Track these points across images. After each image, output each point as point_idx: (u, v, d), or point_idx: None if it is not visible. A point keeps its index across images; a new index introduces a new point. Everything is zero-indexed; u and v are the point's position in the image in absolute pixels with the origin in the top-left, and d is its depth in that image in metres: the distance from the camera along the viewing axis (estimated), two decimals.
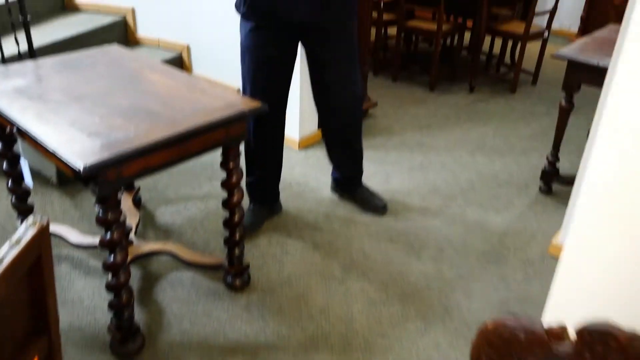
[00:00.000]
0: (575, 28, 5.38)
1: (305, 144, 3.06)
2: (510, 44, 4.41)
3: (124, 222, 1.57)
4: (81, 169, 1.30)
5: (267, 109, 1.71)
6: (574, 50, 2.39)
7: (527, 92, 4.09)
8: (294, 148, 3.02)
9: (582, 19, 5.18)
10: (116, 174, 1.41)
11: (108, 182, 1.41)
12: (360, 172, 2.52)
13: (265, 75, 2.08)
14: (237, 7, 2.01)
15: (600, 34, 2.69)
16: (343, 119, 2.29)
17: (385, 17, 4.10)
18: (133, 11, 3.35)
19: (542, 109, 3.76)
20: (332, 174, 2.55)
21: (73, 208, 2.42)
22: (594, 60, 2.26)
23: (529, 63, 4.28)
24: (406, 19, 4.02)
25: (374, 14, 3.91)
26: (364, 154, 2.49)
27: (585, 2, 5.09)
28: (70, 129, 1.46)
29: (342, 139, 2.37)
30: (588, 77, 2.35)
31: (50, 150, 1.39)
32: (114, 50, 2.10)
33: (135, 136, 1.44)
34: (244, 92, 2.14)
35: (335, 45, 2.06)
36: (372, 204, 2.45)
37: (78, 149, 1.36)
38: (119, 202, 1.50)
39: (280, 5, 1.92)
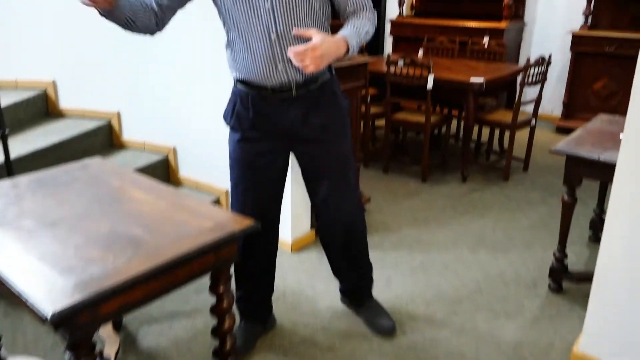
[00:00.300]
0: (558, 112, 5.47)
1: (299, 246, 2.91)
2: (497, 131, 4.43)
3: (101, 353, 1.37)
4: (48, 317, 1.13)
5: (259, 227, 1.58)
6: (571, 144, 2.33)
7: (519, 179, 4.04)
8: (287, 251, 2.86)
9: (564, 103, 5.28)
10: (91, 315, 1.23)
11: (81, 325, 1.23)
12: (368, 283, 2.30)
13: (254, 190, 1.95)
14: (225, 117, 1.92)
15: (593, 125, 2.67)
16: (345, 234, 2.10)
17: (373, 110, 4.11)
18: (118, 115, 3.30)
19: (537, 197, 3.69)
20: (339, 285, 2.35)
21: (45, 334, 2.19)
22: (594, 154, 2.19)
23: (517, 149, 4.26)
24: (393, 111, 4.03)
25: (362, 108, 3.92)
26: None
27: (566, 88, 5.21)
28: (40, 264, 1.30)
29: (346, 256, 2.16)
30: (590, 172, 2.27)
31: (15, 293, 1.22)
32: (95, 164, 1.99)
33: (113, 270, 1.28)
34: (232, 206, 2.00)
35: (329, 155, 1.92)
36: (378, 325, 2.21)
37: (46, 291, 1.20)
38: (93, 346, 1.31)
39: (267, 115, 1.83)
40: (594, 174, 2.29)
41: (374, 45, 6.10)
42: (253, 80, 1.78)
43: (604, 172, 2.22)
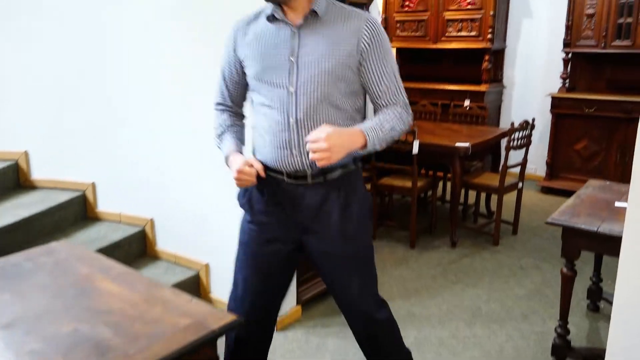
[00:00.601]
0: (541, 172, 5.48)
1: (285, 324, 2.73)
2: (483, 193, 4.38)
3: None
4: None
5: (247, 322, 1.43)
6: (567, 215, 2.25)
7: (509, 243, 3.94)
8: None
9: (547, 164, 5.29)
10: None
11: None
12: None
13: (256, 278, 1.78)
14: (238, 196, 1.79)
15: (585, 193, 2.60)
16: (371, 331, 1.86)
17: None
18: (93, 186, 3.15)
19: (530, 262, 3.58)
20: None
21: None
22: (593, 226, 2.11)
23: (504, 211, 4.19)
24: (379, 175, 3.96)
25: None
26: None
27: (549, 149, 5.24)
28: None
29: (376, 352, 1.90)
30: (588, 244, 2.18)
31: None
32: (62, 248, 1.83)
33: None
34: (232, 291, 1.84)
35: (339, 252, 1.71)
36: None
37: None
38: None
39: (280, 201, 1.70)
40: (593, 246, 2.19)
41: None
42: (269, 164, 1.68)
43: (604, 244, 2.14)
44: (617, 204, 2.39)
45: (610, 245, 2.10)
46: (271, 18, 1.63)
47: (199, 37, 2.60)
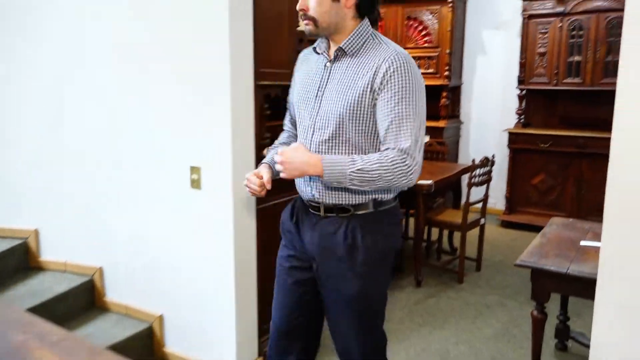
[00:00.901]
0: (500, 205, 5.54)
1: None
2: (446, 230, 4.35)
3: None
4: None
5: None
6: (534, 256, 2.21)
7: (474, 280, 3.90)
8: None
9: (506, 198, 5.35)
10: None
11: None
12: None
13: (281, 307, 1.81)
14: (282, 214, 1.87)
15: (550, 231, 2.59)
16: None
17: None
18: (36, 233, 2.92)
19: (495, 300, 3.54)
20: None
21: None
22: (562, 268, 2.07)
23: (468, 247, 4.17)
24: None
25: None
26: None
27: (507, 183, 5.31)
28: None
29: None
30: (558, 286, 2.13)
31: None
32: None
33: None
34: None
35: (339, 290, 1.67)
36: None
37: None
38: None
39: (300, 228, 1.73)
40: (563, 288, 2.15)
41: None
42: (297, 189, 1.77)
43: (574, 286, 2.10)
44: (583, 242, 2.38)
45: (579, 286, 2.06)
46: (315, 49, 1.70)
47: (133, 88, 2.49)
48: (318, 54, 1.69)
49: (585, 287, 2.05)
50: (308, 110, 1.65)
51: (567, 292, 2.23)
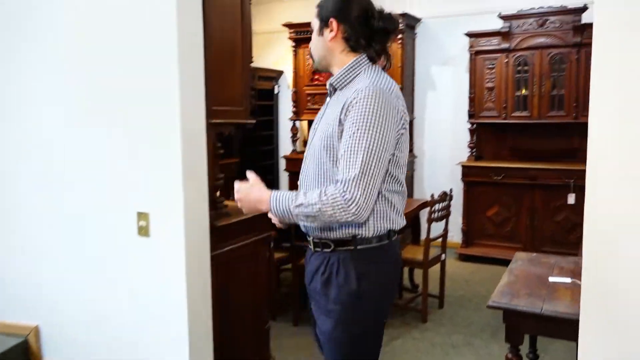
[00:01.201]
0: (457, 239, 5.53)
1: None
2: (406, 267, 4.25)
3: None
4: None
5: None
6: (506, 296, 2.12)
7: (437, 318, 3.80)
8: None
9: (463, 231, 5.35)
10: None
11: None
12: None
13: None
14: None
15: (516, 267, 2.53)
16: None
17: (277, 255, 3.76)
18: None
19: (461, 339, 3.44)
20: None
21: None
22: (537, 308, 1.98)
23: (429, 284, 4.08)
24: (299, 255, 3.71)
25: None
26: None
27: (463, 216, 5.32)
28: None
29: None
30: (533, 327, 2.05)
31: None
32: None
33: None
34: None
35: (321, 323, 1.67)
36: None
37: None
38: None
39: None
40: (538, 329, 2.07)
41: (268, 182, 5.94)
42: None
43: (548, 326, 2.02)
44: (552, 279, 2.32)
45: (553, 326, 1.99)
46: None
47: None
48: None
49: (560, 327, 1.98)
50: (308, 142, 1.72)
51: (542, 332, 2.15)
